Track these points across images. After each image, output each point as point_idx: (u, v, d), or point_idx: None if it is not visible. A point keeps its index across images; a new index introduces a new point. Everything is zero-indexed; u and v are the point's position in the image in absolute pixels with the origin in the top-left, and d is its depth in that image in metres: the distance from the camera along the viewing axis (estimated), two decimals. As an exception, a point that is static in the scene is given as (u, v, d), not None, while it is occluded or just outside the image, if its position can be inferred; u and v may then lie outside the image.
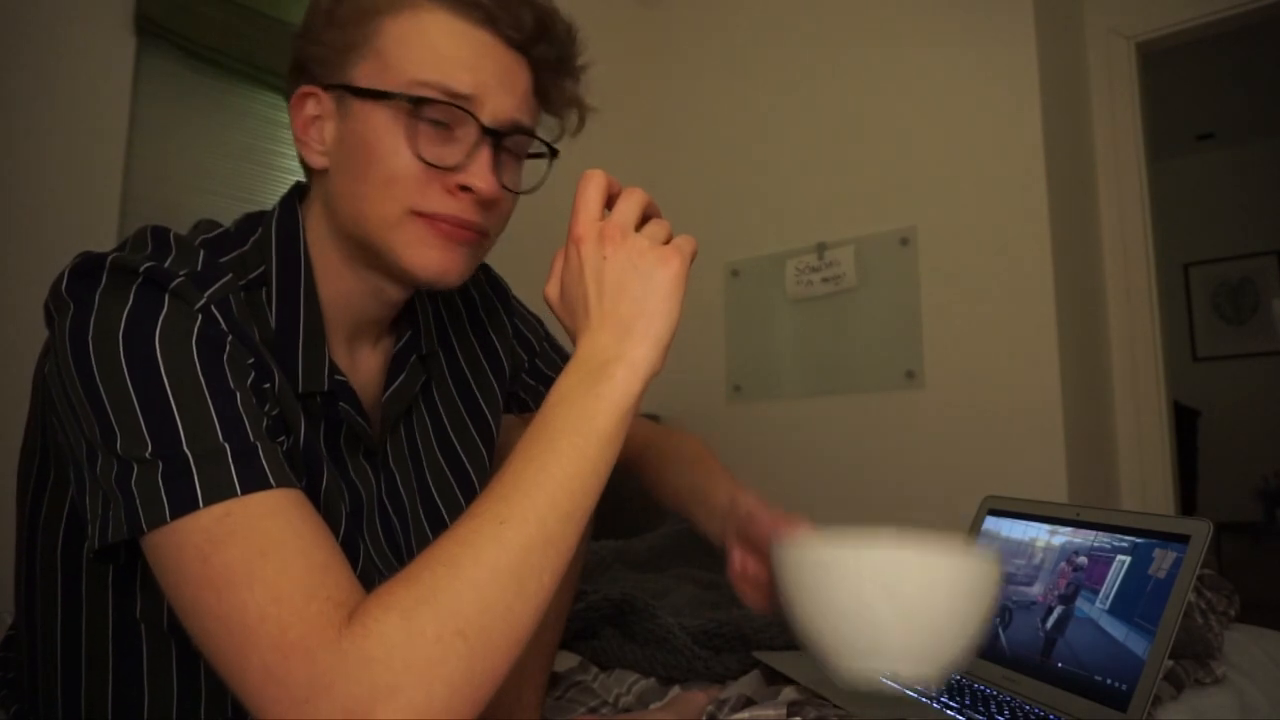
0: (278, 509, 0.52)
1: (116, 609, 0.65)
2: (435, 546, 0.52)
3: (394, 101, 0.63)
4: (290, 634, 0.47)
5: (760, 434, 2.35)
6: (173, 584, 0.51)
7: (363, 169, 0.65)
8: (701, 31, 2.63)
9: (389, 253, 0.66)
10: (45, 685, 0.67)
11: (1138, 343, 2.20)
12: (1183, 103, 3.94)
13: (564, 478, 0.55)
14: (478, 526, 0.52)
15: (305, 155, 0.69)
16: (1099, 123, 2.27)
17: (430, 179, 0.65)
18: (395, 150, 0.64)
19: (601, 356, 0.58)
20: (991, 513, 1.15)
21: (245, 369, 0.59)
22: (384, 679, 0.46)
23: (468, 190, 0.65)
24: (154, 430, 0.52)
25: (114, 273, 0.56)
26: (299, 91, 0.68)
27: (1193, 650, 1.01)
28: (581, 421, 0.56)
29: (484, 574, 0.50)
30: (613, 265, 0.60)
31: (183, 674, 0.66)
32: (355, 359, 0.74)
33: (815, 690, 0.90)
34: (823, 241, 2.27)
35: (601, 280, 0.60)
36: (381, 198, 0.64)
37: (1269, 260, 4.42)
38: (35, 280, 0.62)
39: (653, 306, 0.59)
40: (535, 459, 0.55)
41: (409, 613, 0.48)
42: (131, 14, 1.55)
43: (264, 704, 0.47)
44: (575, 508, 0.55)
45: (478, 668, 0.49)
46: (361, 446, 0.73)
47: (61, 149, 1.47)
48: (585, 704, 1.04)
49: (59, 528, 0.65)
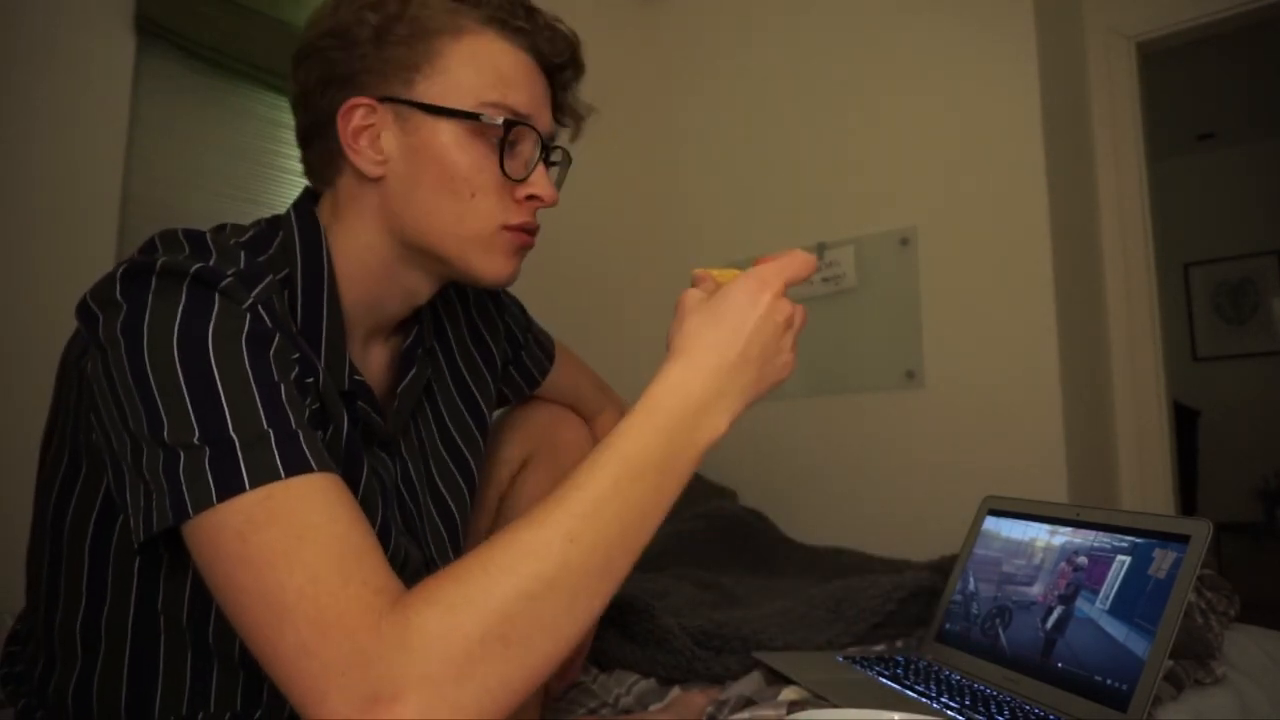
0: (317, 492, 0.54)
1: (139, 602, 0.66)
2: (493, 548, 0.53)
3: (467, 120, 0.68)
4: (328, 613, 0.48)
5: (760, 434, 2.35)
6: (208, 564, 0.52)
7: (440, 183, 0.69)
8: (701, 31, 2.63)
9: (461, 261, 0.71)
10: (59, 679, 0.68)
11: (1138, 343, 2.20)
12: (1183, 103, 3.94)
13: (640, 512, 0.56)
14: (548, 539, 0.52)
15: (358, 162, 0.70)
16: (1099, 123, 2.27)
17: (505, 191, 0.71)
18: (480, 167, 0.69)
19: (708, 399, 0.60)
20: (991, 513, 1.15)
21: (290, 364, 0.61)
22: (418, 668, 0.47)
23: (533, 199, 0.72)
24: (202, 418, 0.54)
25: (164, 275, 0.58)
26: (350, 103, 0.70)
27: (1193, 650, 1.01)
28: (673, 461, 0.58)
29: (540, 587, 0.51)
30: (770, 329, 0.62)
31: (196, 668, 0.67)
32: (368, 356, 0.77)
33: (816, 691, 0.90)
34: (823, 241, 2.27)
35: (754, 337, 0.61)
36: (468, 211, 0.69)
37: (1269, 260, 4.42)
38: (35, 280, 0.62)
39: (771, 375, 0.63)
40: (622, 485, 0.55)
41: (454, 609, 0.49)
42: (131, 14, 1.55)
43: (294, 676, 0.48)
44: (639, 542, 0.56)
45: (513, 675, 0.50)
46: (376, 439, 0.75)
47: (61, 149, 1.47)
48: (585, 705, 1.04)
49: (89, 521, 0.66)
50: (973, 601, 1.08)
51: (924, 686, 0.94)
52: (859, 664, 1.03)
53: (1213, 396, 4.26)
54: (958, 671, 1.03)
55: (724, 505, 1.93)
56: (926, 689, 0.93)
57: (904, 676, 0.98)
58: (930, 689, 0.93)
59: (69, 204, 1.47)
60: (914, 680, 0.97)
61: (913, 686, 0.94)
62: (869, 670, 1.00)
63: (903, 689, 0.94)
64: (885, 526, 2.03)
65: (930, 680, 0.97)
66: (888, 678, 0.97)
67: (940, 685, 0.95)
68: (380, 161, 0.70)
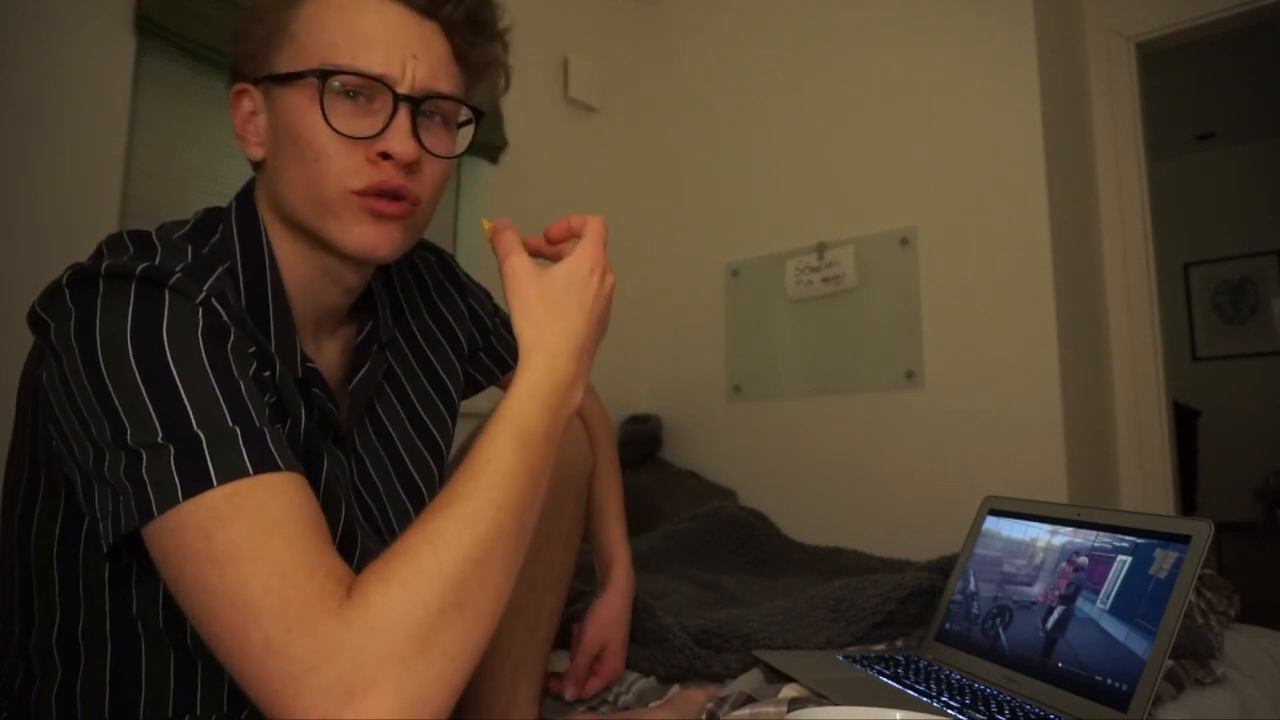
0: (283, 490, 0.54)
1: (114, 610, 0.65)
2: (431, 523, 0.54)
3: (307, 80, 0.66)
4: (293, 608, 0.48)
5: (760, 434, 2.35)
6: (174, 565, 0.52)
7: (293, 152, 0.67)
8: (701, 31, 2.63)
9: (322, 232, 0.69)
10: (40, 690, 0.67)
11: (1138, 343, 2.20)
12: (1183, 103, 3.94)
13: (537, 477, 0.61)
14: (480, 509, 0.56)
15: (245, 149, 0.71)
16: (1099, 123, 2.27)
17: (352, 150, 0.67)
18: (314, 126, 0.66)
19: (571, 378, 0.66)
20: (992, 513, 1.15)
21: (248, 358, 0.60)
22: (387, 648, 0.48)
23: (388, 157, 0.67)
24: (165, 417, 0.53)
25: (110, 278, 0.57)
26: (234, 90, 0.71)
27: (1193, 650, 1.01)
28: (553, 430, 0.64)
29: (482, 553, 0.54)
30: (604, 302, 0.71)
31: (179, 672, 0.67)
32: (320, 350, 0.76)
33: (816, 689, 0.90)
34: (823, 241, 2.27)
35: (594, 314, 0.69)
36: (316, 179, 0.67)
37: (1269, 260, 4.42)
38: (35, 280, 0.62)
39: (603, 332, 0.72)
40: (523, 456, 0.60)
41: (411, 583, 0.50)
42: (131, 14, 1.55)
43: (261, 679, 0.48)
44: (539, 502, 0.62)
45: (470, 638, 0.52)
46: (330, 433, 0.74)
47: (61, 149, 1.47)
48: (584, 703, 1.04)
49: (54, 532, 0.65)
50: (973, 601, 1.08)
51: (924, 686, 0.94)
52: (859, 663, 1.03)
53: (1213, 396, 4.25)
54: (958, 671, 1.02)
55: (724, 505, 1.93)
56: (927, 688, 0.93)
57: (904, 676, 0.98)
58: (930, 688, 0.93)
59: (69, 204, 1.47)
60: (914, 679, 0.97)
61: (913, 686, 0.94)
62: (869, 669, 1.00)
63: (903, 688, 0.94)
64: (885, 526, 2.03)
65: (930, 679, 0.97)
66: (888, 677, 0.97)
67: (940, 685, 0.95)
68: (258, 143, 0.71)
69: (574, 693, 1.03)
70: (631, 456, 2.37)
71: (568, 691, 1.03)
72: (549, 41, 2.41)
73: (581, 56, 2.48)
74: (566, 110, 2.45)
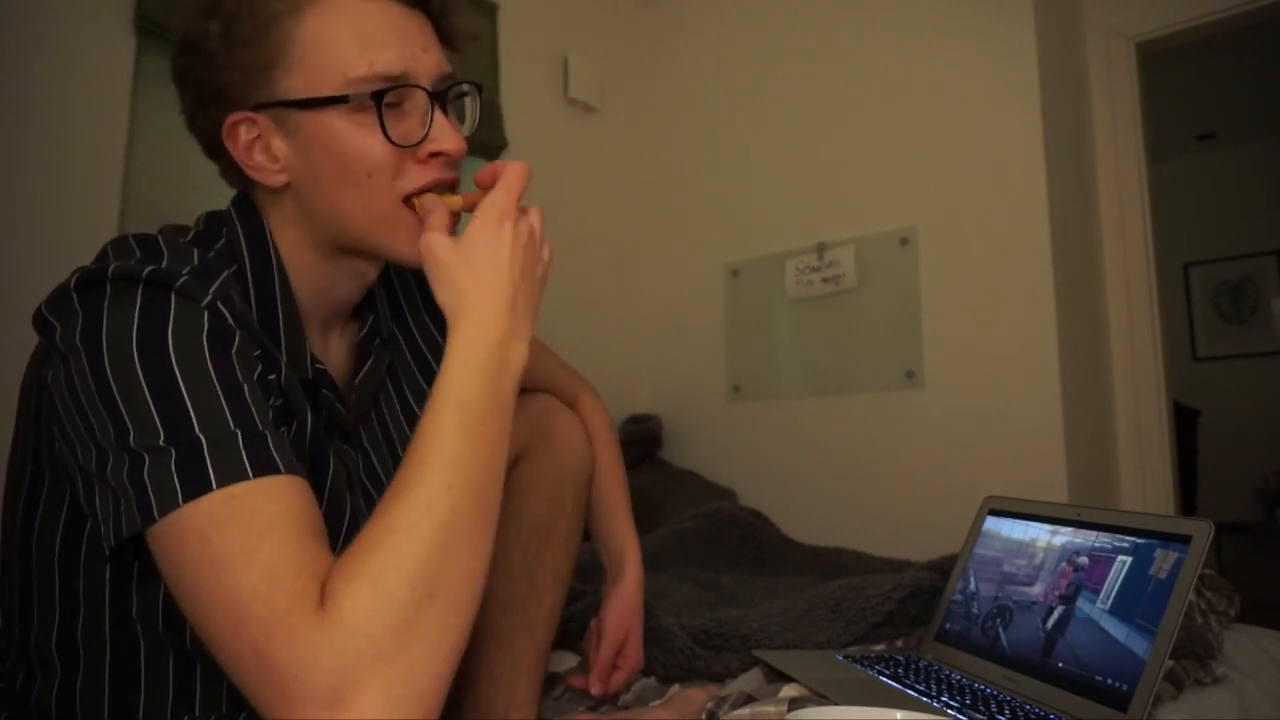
0: (280, 493, 0.53)
1: (114, 610, 0.65)
2: (386, 515, 0.54)
3: (338, 104, 0.65)
4: (275, 613, 0.48)
5: (760, 434, 2.35)
6: (175, 567, 0.52)
7: (337, 174, 0.67)
8: (701, 31, 2.63)
9: (378, 248, 0.69)
10: (40, 690, 0.67)
11: (1138, 343, 2.20)
12: (1183, 103, 3.94)
13: (491, 447, 0.59)
14: (432, 493, 0.54)
15: (260, 178, 0.69)
16: (1099, 123, 2.27)
17: (406, 159, 0.67)
18: (368, 145, 0.66)
19: (505, 336, 0.63)
20: (992, 513, 1.15)
21: (253, 361, 0.61)
22: (366, 648, 0.48)
23: (438, 155, 0.68)
24: (167, 419, 0.53)
25: (117, 281, 0.58)
26: (228, 121, 0.68)
27: (1193, 650, 1.01)
28: (500, 395, 0.61)
29: (443, 537, 0.53)
30: (521, 251, 0.66)
31: (178, 673, 0.67)
32: (327, 347, 0.77)
33: (816, 689, 0.90)
34: (823, 241, 2.27)
35: (513, 265, 0.65)
36: (369, 194, 0.67)
37: (1269, 260, 4.42)
38: (35, 280, 0.62)
39: (540, 281, 0.68)
40: (469, 430, 0.58)
41: (378, 579, 0.50)
42: (131, 14, 1.55)
43: (255, 684, 0.48)
44: (499, 472, 0.60)
45: (451, 624, 0.52)
46: (338, 430, 0.75)
47: (61, 149, 1.47)
48: (584, 702, 1.04)
49: (55, 533, 0.65)
50: (973, 601, 1.08)
51: (924, 685, 0.94)
52: (859, 663, 1.03)
53: (1213, 396, 4.25)
54: (958, 671, 1.03)
55: (724, 505, 1.93)
56: (927, 688, 0.93)
57: (904, 676, 0.98)
58: (930, 688, 0.93)
59: (69, 204, 1.47)
60: (914, 679, 0.97)
61: (913, 686, 0.94)
62: (869, 669, 1.00)
63: (903, 688, 0.94)
64: (885, 526, 2.03)
65: (930, 679, 0.97)
66: (888, 677, 0.97)
67: (940, 684, 0.95)
68: (279, 169, 0.69)
69: (600, 689, 0.98)
70: (631, 456, 2.36)
71: (594, 688, 0.98)
72: (549, 41, 2.40)
73: (581, 56, 2.47)
74: (566, 110, 2.45)
